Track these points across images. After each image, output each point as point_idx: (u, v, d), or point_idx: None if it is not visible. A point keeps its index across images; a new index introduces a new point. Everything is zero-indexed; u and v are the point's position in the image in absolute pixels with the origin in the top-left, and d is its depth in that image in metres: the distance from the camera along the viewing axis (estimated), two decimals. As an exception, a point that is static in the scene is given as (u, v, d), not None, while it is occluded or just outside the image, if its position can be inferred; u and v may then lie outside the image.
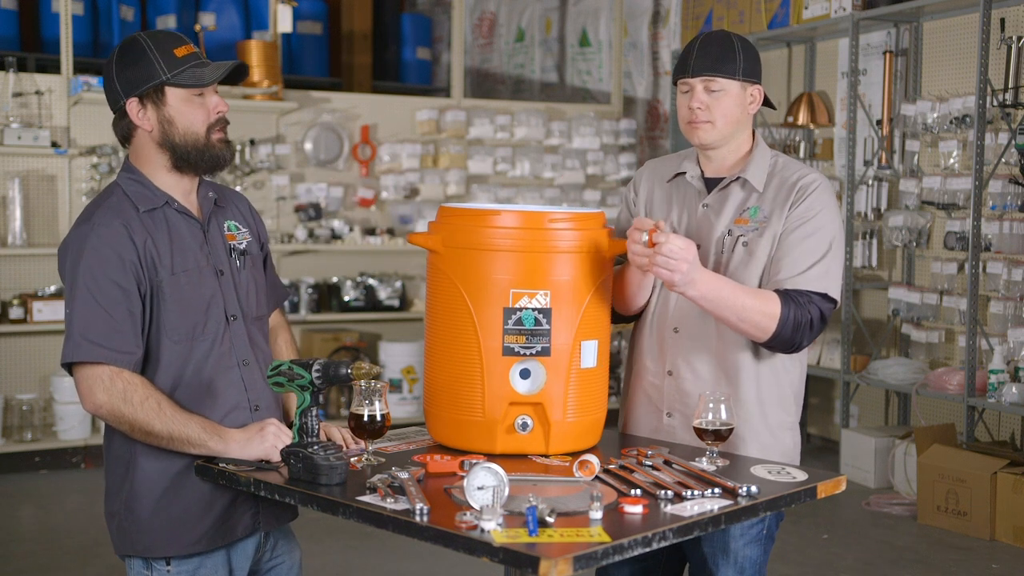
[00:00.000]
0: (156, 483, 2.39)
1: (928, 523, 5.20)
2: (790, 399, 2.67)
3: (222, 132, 2.43)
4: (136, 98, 2.37)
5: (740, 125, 2.66)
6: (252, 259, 2.55)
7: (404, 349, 6.87)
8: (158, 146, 2.40)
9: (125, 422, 2.31)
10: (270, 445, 2.33)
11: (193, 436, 2.32)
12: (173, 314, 2.37)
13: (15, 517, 5.39)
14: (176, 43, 2.38)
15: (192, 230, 2.44)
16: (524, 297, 2.42)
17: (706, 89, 2.61)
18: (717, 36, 2.64)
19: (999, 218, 5.44)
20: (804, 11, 6.44)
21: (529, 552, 1.85)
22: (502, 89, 9.38)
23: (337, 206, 7.06)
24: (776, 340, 2.50)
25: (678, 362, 2.64)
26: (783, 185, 2.62)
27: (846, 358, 6.18)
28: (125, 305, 2.32)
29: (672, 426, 2.65)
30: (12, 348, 6.20)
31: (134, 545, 2.41)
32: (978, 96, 5.38)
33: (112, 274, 2.31)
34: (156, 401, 2.31)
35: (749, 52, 2.64)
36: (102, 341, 2.30)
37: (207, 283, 2.42)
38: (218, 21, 8.05)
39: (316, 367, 2.29)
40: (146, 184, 2.42)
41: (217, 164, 2.43)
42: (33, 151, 6.06)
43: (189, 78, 2.36)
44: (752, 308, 2.47)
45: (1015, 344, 5.27)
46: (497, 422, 2.43)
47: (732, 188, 2.66)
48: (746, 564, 2.59)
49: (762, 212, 2.61)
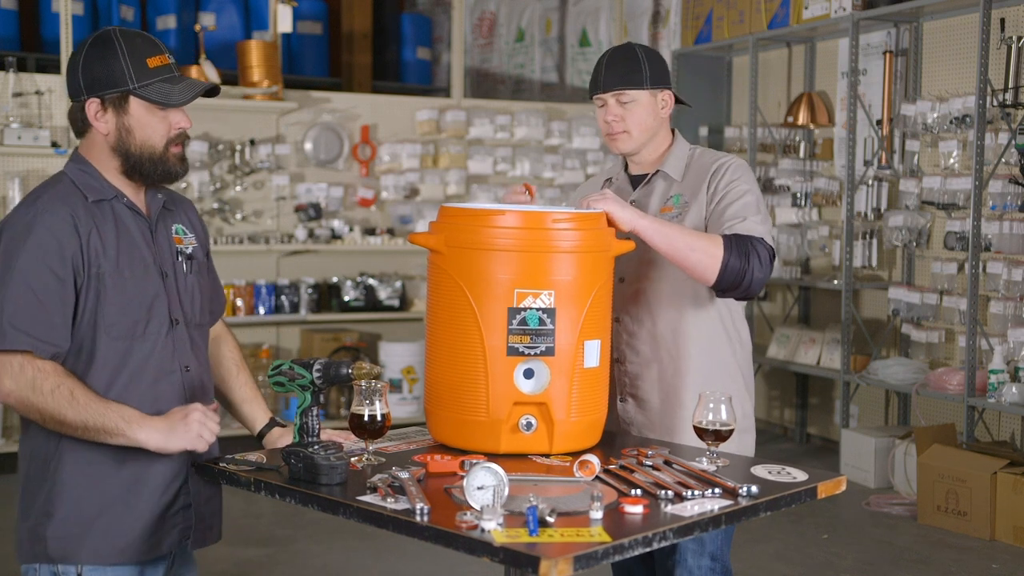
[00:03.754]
0: (81, 484, 2.28)
1: (928, 523, 5.20)
2: (735, 368, 2.82)
3: (180, 147, 2.35)
4: (98, 99, 2.29)
5: (655, 129, 2.85)
6: (198, 264, 2.47)
7: (404, 349, 6.87)
8: (112, 150, 2.32)
9: (35, 411, 2.20)
10: (195, 435, 2.22)
11: (110, 425, 2.20)
12: (113, 309, 2.28)
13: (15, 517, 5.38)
14: (150, 51, 2.30)
15: (140, 227, 2.36)
16: (528, 297, 2.42)
17: (618, 102, 2.81)
18: (622, 51, 2.84)
19: (999, 218, 5.44)
20: (804, 11, 6.45)
21: (529, 552, 1.85)
22: (502, 89, 9.38)
23: (337, 206, 7.06)
24: (727, 272, 2.61)
25: (622, 348, 2.83)
26: (700, 171, 2.82)
27: (846, 358, 6.18)
28: (59, 295, 2.23)
29: (627, 410, 2.83)
30: (12, 348, 6.19)
31: (47, 551, 2.28)
32: (978, 96, 5.38)
33: (51, 263, 2.22)
34: (68, 389, 2.19)
35: (654, 61, 2.83)
36: (29, 329, 2.20)
37: (151, 282, 2.34)
38: (218, 21, 8.05)
39: (317, 367, 2.29)
40: (95, 177, 2.34)
41: (168, 178, 2.36)
42: (33, 151, 6.06)
43: (156, 93, 2.28)
44: (699, 238, 2.62)
45: (1015, 344, 5.27)
46: (501, 422, 2.43)
47: (655, 181, 2.87)
48: (706, 539, 2.72)
49: (683, 198, 2.80)
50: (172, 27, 8.06)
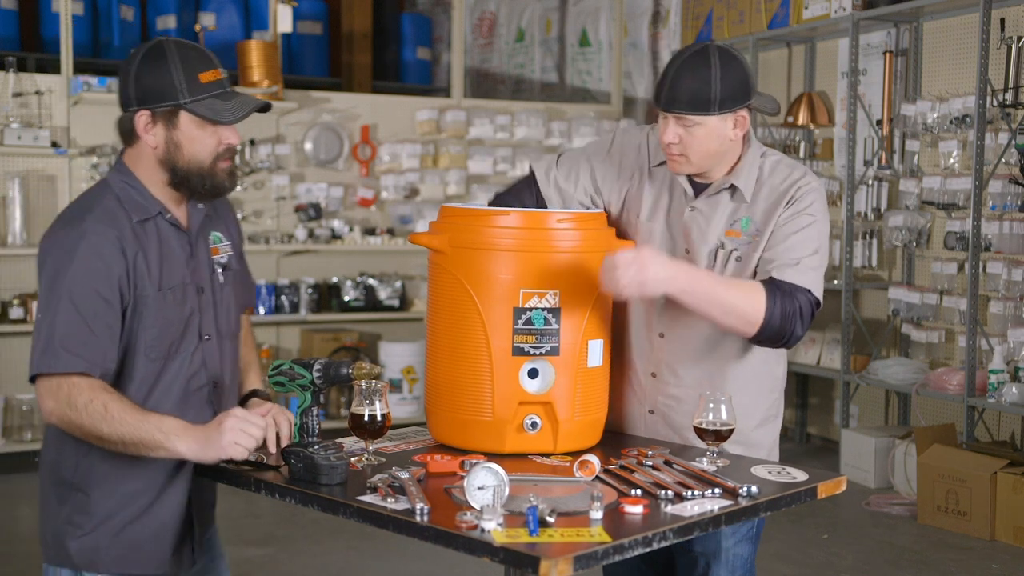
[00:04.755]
0: (106, 494, 2.28)
1: (928, 523, 5.20)
2: (774, 395, 2.67)
3: (229, 162, 2.33)
4: (148, 111, 2.25)
5: (721, 154, 2.52)
6: (232, 273, 2.46)
7: (404, 349, 6.87)
8: (159, 163, 2.30)
9: (76, 427, 2.17)
10: (228, 442, 2.16)
11: (147, 439, 2.15)
12: (152, 331, 2.27)
13: (15, 517, 5.39)
14: (203, 66, 2.27)
15: (181, 243, 2.35)
16: (534, 297, 2.42)
17: (680, 123, 2.46)
18: (694, 61, 2.45)
19: (999, 218, 5.44)
20: (804, 11, 6.44)
21: (529, 552, 1.85)
22: (502, 89, 9.38)
23: (337, 206, 7.06)
24: (765, 331, 2.44)
25: (662, 367, 2.63)
26: (772, 193, 2.54)
27: (846, 358, 6.18)
28: (105, 318, 2.21)
29: (655, 423, 2.65)
30: (12, 348, 6.19)
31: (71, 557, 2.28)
32: (978, 96, 5.38)
33: (98, 286, 2.20)
34: (102, 404, 2.15)
35: (729, 79, 2.44)
36: (80, 352, 2.18)
37: (188, 301, 2.33)
38: (218, 21, 8.05)
39: (317, 367, 2.29)
40: (139, 190, 2.31)
41: (217, 192, 2.34)
42: (33, 151, 6.06)
43: (207, 109, 2.25)
44: (737, 298, 2.42)
45: (1015, 344, 5.27)
46: (506, 422, 2.43)
47: (722, 195, 2.57)
48: (737, 563, 2.60)
49: (754, 224, 2.53)
50: (172, 27, 8.06)
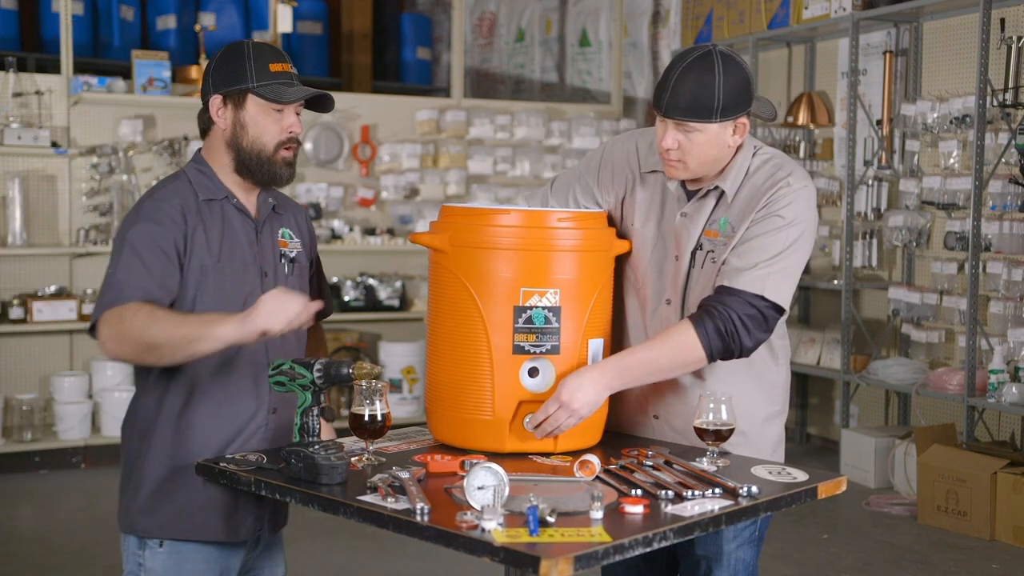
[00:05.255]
0: (164, 463, 2.42)
1: (928, 523, 5.20)
2: (776, 391, 2.63)
3: (290, 152, 2.48)
4: (220, 96, 2.45)
5: (720, 160, 2.48)
6: (300, 268, 2.59)
7: (404, 349, 6.87)
8: (227, 145, 2.46)
9: (129, 342, 2.27)
10: (264, 313, 2.21)
11: (191, 332, 2.25)
12: (212, 301, 2.40)
13: (15, 517, 5.39)
14: (274, 59, 2.46)
15: (246, 228, 2.49)
16: (534, 295, 2.42)
17: (679, 129, 2.42)
18: (696, 65, 2.39)
19: (999, 218, 5.44)
20: (804, 11, 6.44)
21: (530, 552, 1.85)
22: (502, 89, 9.38)
23: (337, 206, 7.06)
24: (714, 356, 2.42)
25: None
26: (753, 191, 2.48)
27: (846, 358, 6.18)
28: (164, 266, 2.36)
29: (660, 427, 2.64)
30: (12, 348, 6.20)
31: (133, 523, 2.44)
32: (978, 96, 5.39)
33: (159, 240, 2.36)
34: (147, 311, 2.28)
35: (731, 86, 2.39)
36: (137, 286, 2.32)
37: (249, 279, 2.46)
38: (218, 21, 8.05)
39: (317, 367, 2.30)
40: (211, 177, 2.48)
41: (274, 180, 2.48)
42: (33, 151, 6.06)
43: (271, 92, 2.43)
44: (670, 354, 2.41)
45: (1015, 344, 5.27)
46: (506, 421, 2.44)
47: (708, 197, 2.54)
48: (739, 567, 2.58)
49: (730, 224, 2.49)
50: (172, 27, 8.07)
